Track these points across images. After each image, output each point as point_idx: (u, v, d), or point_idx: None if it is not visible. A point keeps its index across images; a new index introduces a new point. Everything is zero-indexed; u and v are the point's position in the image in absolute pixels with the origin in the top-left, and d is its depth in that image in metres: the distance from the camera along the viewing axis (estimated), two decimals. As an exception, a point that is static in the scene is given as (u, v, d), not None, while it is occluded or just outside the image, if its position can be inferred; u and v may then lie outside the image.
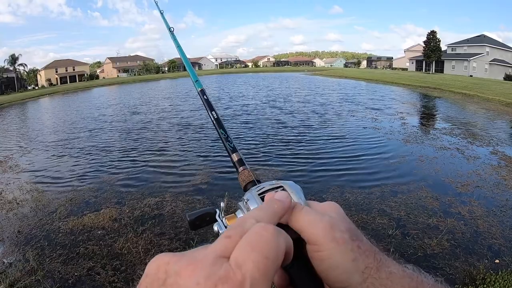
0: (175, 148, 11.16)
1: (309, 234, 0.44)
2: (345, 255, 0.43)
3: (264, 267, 0.33)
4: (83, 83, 74.57)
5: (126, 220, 5.99)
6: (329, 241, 0.43)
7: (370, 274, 0.43)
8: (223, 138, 0.74)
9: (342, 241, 0.43)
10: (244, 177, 0.65)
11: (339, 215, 0.48)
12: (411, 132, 12.49)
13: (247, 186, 0.64)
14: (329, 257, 0.43)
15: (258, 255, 0.34)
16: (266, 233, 0.36)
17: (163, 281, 0.32)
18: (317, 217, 0.45)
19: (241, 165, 0.69)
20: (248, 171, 0.67)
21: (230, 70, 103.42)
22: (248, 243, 0.35)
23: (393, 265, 0.45)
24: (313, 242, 0.44)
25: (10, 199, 7.43)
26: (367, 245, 0.45)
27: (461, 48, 67.01)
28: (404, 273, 0.44)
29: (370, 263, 0.43)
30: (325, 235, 0.43)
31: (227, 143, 0.73)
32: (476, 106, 20.27)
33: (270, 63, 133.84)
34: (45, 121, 21.35)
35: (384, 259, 0.45)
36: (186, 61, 0.98)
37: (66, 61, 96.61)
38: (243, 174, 0.66)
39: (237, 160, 0.70)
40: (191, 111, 19.50)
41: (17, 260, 4.96)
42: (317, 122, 14.71)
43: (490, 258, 4.61)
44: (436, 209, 6.06)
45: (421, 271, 0.46)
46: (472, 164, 8.58)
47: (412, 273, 0.45)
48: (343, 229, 0.45)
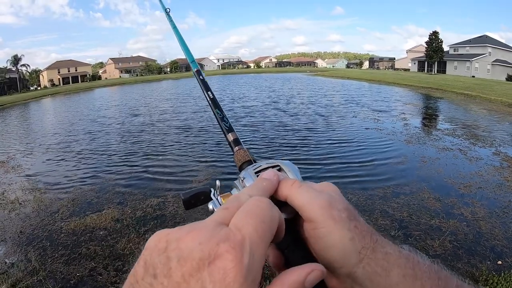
0: (177, 149, 11.16)
1: (307, 211, 0.45)
2: (343, 234, 0.43)
3: (262, 230, 0.35)
4: (85, 84, 74.84)
5: (128, 221, 5.99)
6: (327, 219, 0.43)
7: (366, 254, 0.43)
8: (219, 118, 0.74)
9: (339, 220, 0.44)
10: (240, 157, 0.65)
11: (337, 194, 0.48)
12: (413, 133, 12.46)
13: (242, 165, 0.64)
14: (326, 235, 0.43)
15: (255, 220, 0.35)
16: (261, 203, 0.38)
17: (164, 249, 0.32)
18: (315, 194, 0.46)
19: (237, 144, 0.69)
20: (244, 150, 0.66)
21: (232, 71, 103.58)
22: (246, 211, 0.37)
23: (389, 246, 0.45)
24: (311, 219, 0.44)
25: (13, 199, 7.45)
26: (364, 226, 0.45)
27: (463, 48, 66.95)
28: (400, 254, 0.44)
29: (366, 243, 0.43)
30: (323, 212, 0.44)
31: (223, 123, 0.73)
32: (479, 107, 20.21)
33: (272, 63, 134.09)
34: (47, 122, 21.42)
35: (380, 239, 0.45)
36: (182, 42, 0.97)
37: (68, 61, 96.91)
38: (239, 153, 0.66)
39: (232, 140, 0.70)
40: (193, 113, 19.54)
41: (19, 260, 4.97)
42: (320, 124, 14.72)
43: (492, 259, 4.60)
44: (438, 210, 6.05)
45: (417, 251, 0.46)
46: (475, 165, 8.56)
47: (408, 253, 0.45)
48: (341, 208, 0.45)
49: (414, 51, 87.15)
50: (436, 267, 0.45)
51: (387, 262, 0.43)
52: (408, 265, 0.43)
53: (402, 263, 0.43)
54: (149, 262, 0.32)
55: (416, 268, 0.43)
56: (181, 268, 0.31)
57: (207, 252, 0.31)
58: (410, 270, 0.43)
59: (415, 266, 0.43)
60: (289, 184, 0.48)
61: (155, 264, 0.32)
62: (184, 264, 0.31)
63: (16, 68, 73.28)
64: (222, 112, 0.74)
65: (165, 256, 0.32)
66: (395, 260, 0.43)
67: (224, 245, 0.31)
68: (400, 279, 0.42)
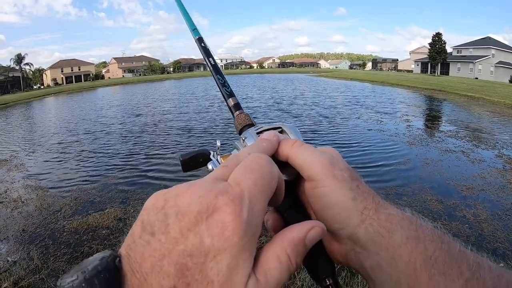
0: (181, 148, 11.16)
1: (309, 170, 0.44)
2: (344, 192, 0.43)
3: (261, 184, 0.35)
4: (88, 83, 74.99)
5: (131, 220, 5.97)
6: (329, 177, 0.43)
7: (368, 215, 0.42)
8: (220, 83, 0.73)
9: (341, 179, 0.43)
10: (241, 121, 0.65)
11: (338, 156, 0.48)
12: (416, 134, 12.43)
13: (243, 129, 0.63)
14: (327, 194, 0.43)
15: (255, 174, 0.35)
16: (260, 159, 0.38)
17: (162, 207, 0.32)
18: (317, 153, 0.46)
19: (238, 109, 0.68)
20: (245, 114, 0.66)
21: (235, 71, 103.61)
22: (245, 167, 0.36)
23: (392, 208, 0.45)
24: (312, 178, 0.44)
25: (15, 197, 7.47)
26: (365, 187, 0.45)
27: (466, 50, 66.88)
28: (403, 216, 0.44)
29: (368, 204, 0.43)
30: (325, 171, 0.43)
31: (224, 88, 0.72)
32: (481, 109, 20.16)
33: (275, 64, 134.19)
34: (50, 121, 21.43)
35: (382, 201, 0.45)
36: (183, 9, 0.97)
37: (72, 61, 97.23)
38: (239, 117, 0.65)
39: (233, 105, 0.69)
40: (196, 113, 19.52)
41: (21, 258, 4.97)
42: (322, 125, 14.72)
43: (495, 261, 4.57)
44: (440, 212, 6.03)
45: (420, 215, 0.46)
46: (477, 167, 8.53)
47: (411, 216, 0.44)
48: (343, 167, 0.45)
49: (417, 53, 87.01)
50: (439, 231, 0.44)
51: (390, 223, 0.42)
52: (411, 227, 0.43)
53: (405, 225, 0.43)
54: (147, 221, 0.32)
55: (419, 230, 0.42)
56: (179, 223, 0.30)
57: (205, 205, 0.31)
58: (413, 232, 0.42)
59: (418, 228, 0.43)
60: (290, 143, 0.47)
61: (152, 222, 0.31)
62: (182, 218, 0.30)
63: (20, 67, 73.59)
64: (223, 78, 0.74)
65: (163, 213, 0.31)
66: (398, 221, 0.43)
67: (223, 198, 0.31)
68: (403, 240, 0.41)
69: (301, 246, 0.36)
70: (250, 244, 0.31)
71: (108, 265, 0.30)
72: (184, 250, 0.29)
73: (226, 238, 0.29)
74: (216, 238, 0.29)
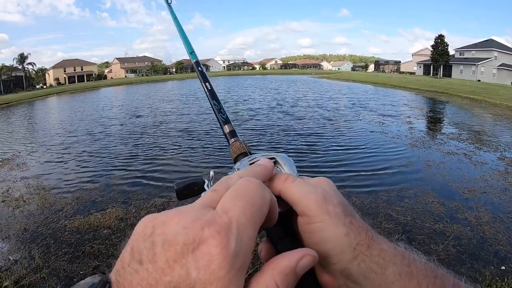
0: (182, 149, 11.19)
1: (302, 205, 0.44)
2: (338, 228, 0.42)
3: (251, 212, 0.34)
4: (91, 83, 75.16)
5: (132, 220, 6.00)
6: (322, 213, 0.43)
7: (361, 251, 0.42)
8: (216, 109, 0.72)
9: (334, 214, 0.43)
10: (236, 149, 0.64)
11: (332, 189, 0.47)
12: (418, 136, 12.43)
13: (238, 157, 0.63)
14: (321, 230, 0.42)
15: (244, 201, 0.34)
16: (251, 184, 0.37)
17: (150, 234, 0.32)
18: (310, 188, 0.45)
19: (233, 136, 0.68)
20: (240, 142, 0.66)
21: (238, 72, 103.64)
22: (234, 193, 0.36)
23: (385, 243, 0.44)
24: (305, 213, 0.44)
25: (17, 196, 7.49)
26: (359, 222, 0.45)
27: (469, 52, 66.70)
28: (396, 251, 0.43)
29: (362, 239, 0.43)
30: (318, 206, 0.43)
31: (220, 114, 0.72)
32: (484, 111, 20.15)
33: (277, 65, 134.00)
34: (52, 120, 21.51)
35: (376, 236, 0.44)
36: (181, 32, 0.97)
37: (74, 60, 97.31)
38: (235, 145, 0.65)
39: (228, 132, 0.69)
40: (197, 115, 19.59)
41: (22, 257, 4.99)
42: (324, 127, 14.74)
43: (496, 264, 4.57)
44: (442, 214, 6.03)
45: (413, 249, 0.45)
46: (479, 170, 8.52)
47: (404, 251, 0.44)
48: (336, 203, 0.44)
49: (419, 55, 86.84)
50: (433, 265, 0.44)
51: (382, 259, 0.42)
52: (404, 262, 0.42)
53: (398, 261, 0.42)
54: (135, 248, 0.32)
55: (412, 265, 0.42)
56: (166, 253, 0.30)
57: (191, 237, 0.30)
58: (406, 267, 0.42)
59: (411, 263, 0.42)
60: (283, 178, 0.47)
61: (140, 250, 0.31)
62: (168, 249, 0.30)
63: (23, 67, 73.73)
64: (219, 104, 0.73)
65: (151, 241, 0.31)
66: (391, 257, 0.42)
67: (209, 230, 0.31)
68: (396, 277, 0.41)
69: (292, 275, 0.35)
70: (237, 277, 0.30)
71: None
72: (171, 281, 0.29)
73: (213, 271, 0.29)
74: (203, 271, 0.29)
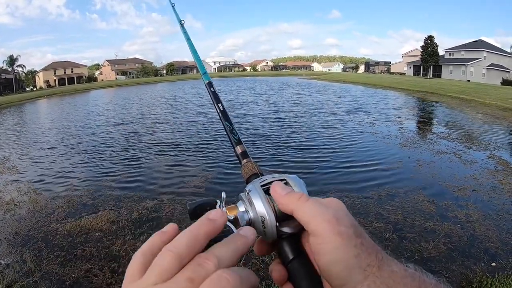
0: (173, 151, 11.16)
1: (314, 225, 0.44)
2: (349, 250, 0.42)
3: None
4: (81, 85, 74.46)
5: (124, 223, 5.98)
6: (334, 234, 0.43)
7: (371, 272, 0.42)
8: (228, 130, 0.73)
9: (346, 236, 0.43)
10: (247, 170, 0.65)
11: (343, 210, 0.48)
12: (408, 136, 12.52)
13: (249, 178, 0.63)
14: (332, 251, 0.42)
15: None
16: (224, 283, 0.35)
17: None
18: (323, 209, 0.45)
19: (245, 157, 0.68)
20: (252, 163, 0.66)
21: (228, 74, 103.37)
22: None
23: (395, 264, 0.44)
24: (317, 234, 0.44)
25: (8, 200, 7.42)
26: (369, 243, 0.45)
27: (458, 53, 67.28)
28: (406, 273, 0.44)
29: (372, 261, 0.43)
30: (330, 228, 0.43)
31: (232, 135, 0.72)
32: (474, 111, 20.34)
33: (268, 67, 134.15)
34: (43, 123, 21.26)
35: (385, 258, 0.45)
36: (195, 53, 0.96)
37: (64, 63, 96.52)
38: (246, 166, 0.65)
39: (241, 153, 0.69)
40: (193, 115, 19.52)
41: (14, 261, 4.94)
42: (315, 127, 14.79)
43: (486, 261, 4.62)
44: (433, 213, 6.08)
45: (423, 270, 0.46)
46: (469, 169, 8.60)
47: (414, 272, 0.44)
48: (347, 224, 0.44)
49: (409, 55, 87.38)
50: (443, 286, 0.45)
51: (392, 281, 0.42)
52: (414, 284, 0.42)
53: (408, 282, 0.42)
54: None
55: (422, 287, 0.42)
56: None
57: None
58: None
59: (421, 285, 0.43)
60: (296, 197, 0.47)
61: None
62: None
63: (12, 69, 72.97)
64: (232, 125, 0.73)
65: None
66: (401, 279, 0.42)
67: None
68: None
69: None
70: None
71: None
72: None
73: None
74: None
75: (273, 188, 0.50)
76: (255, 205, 0.50)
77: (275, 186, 0.50)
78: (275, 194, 0.49)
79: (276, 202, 0.49)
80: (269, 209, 0.49)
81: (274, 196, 0.50)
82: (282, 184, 0.51)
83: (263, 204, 0.49)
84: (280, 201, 0.48)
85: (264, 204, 0.49)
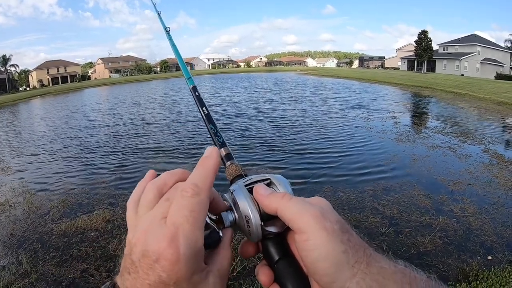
0: (168, 149, 11.12)
1: (299, 221, 0.44)
2: (335, 245, 0.42)
3: (193, 218, 0.41)
4: (75, 84, 74.17)
5: (119, 222, 5.96)
6: (319, 229, 0.42)
7: (360, 268, 0.41)
8: (212, 133, 0.73)
9: (332, 231, 0.42)
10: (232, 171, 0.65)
11: (329, 207, 0.47)
12: (403, 131, 12.55)
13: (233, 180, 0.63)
14: (318, 247, 0.42)
15: (185, 211, 0.41)
16: (186, 193, 0.43)
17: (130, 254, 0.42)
18: (307, 205, 0.45)
19: (229, 159, 0.68)
20: (236, 165, 0.66)
21: (222, 70, 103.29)
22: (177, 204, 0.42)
23: (384, 261, 0.44)
24: (303, 230, 0.43)
25: (2, 201, 7.36)
26: (357, 239, 0.44)
27: (452, 47, 67.62)
28: (396, 269, 0.43)
29: (360, 257, 0.42)
30: (315, 223, 0.43)
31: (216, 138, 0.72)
32: (468, 105, 20.42)
33: (262, 63, 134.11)
34: (37, 123, 21.15)
35: (374, 254, 0.44)
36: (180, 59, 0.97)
37: (58, 61, 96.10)
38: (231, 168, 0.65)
39: (225, 155, 0.69)
40: (187, 114, 19.48)
41: (10, 263, 4.92)
42: (308, 121, 14.76)
43: (482, 255, 4.65)
44: (428, 207, 6.10)
45: (413, 267, 0.45)
46: (464, 163, 8.64)
47: (404, 268, 0.43)
48: (333, 220, 0.44)
49: (403, 50, 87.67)
50: (434, 283, 0.43)
51: (382, 277, 0.41)
52: (405, 280, 0.42)
53: (399, 278, 0.42)
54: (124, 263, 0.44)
55: (413, 283, 0.42)
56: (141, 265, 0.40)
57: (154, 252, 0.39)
58: (406, 285, 0.41)
59: (412, 281, 0.42)
60: (279, 196, 0.47)
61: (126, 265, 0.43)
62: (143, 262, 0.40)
63: (5, 69, 72.51)
64: (216, 128, 0.73)
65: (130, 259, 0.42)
66: (391, 275, 0.42)
67: (164, 244, 0.39)
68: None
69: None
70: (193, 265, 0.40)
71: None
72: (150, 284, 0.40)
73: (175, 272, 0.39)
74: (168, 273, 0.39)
75: (255, 190, 0.50)
76: (239, 205, 0.50)
77: (258, 188, 0.50)
78: (257, 196, 0.50)
79: (260, 205, 0.49)
80: (254, 208, 0.49)
81: (257, 198, 0.50)
82: (264, 186, 0.51)
83: (247, 203, 0.49)
84: (263, 202, 0.49)
85: (249, 204, 0.49)
